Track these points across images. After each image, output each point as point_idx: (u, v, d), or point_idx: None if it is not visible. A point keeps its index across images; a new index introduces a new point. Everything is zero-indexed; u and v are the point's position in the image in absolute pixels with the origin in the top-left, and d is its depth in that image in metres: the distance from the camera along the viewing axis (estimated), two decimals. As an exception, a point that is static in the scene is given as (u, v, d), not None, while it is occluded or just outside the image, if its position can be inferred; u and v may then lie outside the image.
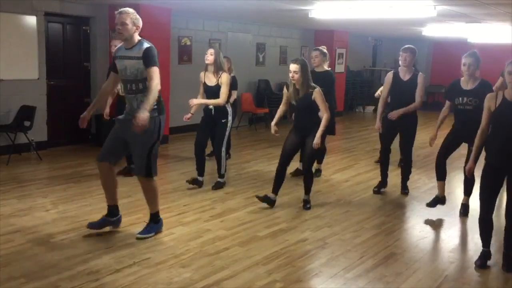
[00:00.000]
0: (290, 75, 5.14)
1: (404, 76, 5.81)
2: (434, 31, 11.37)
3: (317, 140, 5.18)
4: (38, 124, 7.63)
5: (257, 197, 5.54)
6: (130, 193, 5.70)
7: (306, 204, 5.52)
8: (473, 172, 4.31)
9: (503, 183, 4.10)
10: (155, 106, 4.24)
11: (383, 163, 6.26)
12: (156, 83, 4.10)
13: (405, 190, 6.26)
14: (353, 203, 5.85)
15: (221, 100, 5.84)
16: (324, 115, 5.19)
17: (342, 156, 8.52)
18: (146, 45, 4.19)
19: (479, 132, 4.18)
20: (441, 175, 5.52)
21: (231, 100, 6.27)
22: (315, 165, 6.81)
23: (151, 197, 4.53)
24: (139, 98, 4.19)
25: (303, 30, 13.20)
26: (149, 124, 4.08)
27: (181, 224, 4.91)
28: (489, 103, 4.08)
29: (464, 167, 5.20)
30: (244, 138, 10.17)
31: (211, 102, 5.90)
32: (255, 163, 7.77)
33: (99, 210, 5.03)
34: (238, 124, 11.16)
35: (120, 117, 4.47)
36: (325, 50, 6.54)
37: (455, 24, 9.55)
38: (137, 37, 4.23)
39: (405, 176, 6.22)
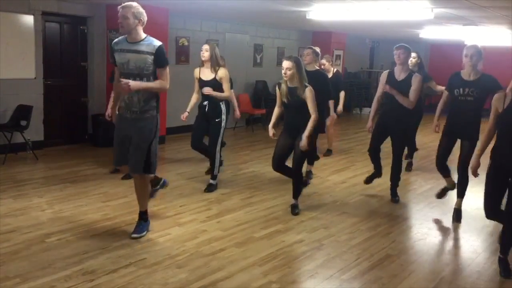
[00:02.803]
0: (283, 71, 5.06)
1: (399, 75, 5.65)
2: (431, 33, 11.41)
3: (303, 142, 5.01)
4: (35, 123, 7.62)
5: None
6: (126, 193, 5.70)
7: (294, 209, 5.40)
8: (477, 170, 4.21)
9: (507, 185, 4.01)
10: (155, 104, 4.34)
11: (373, 159, 6.08)
12: (167, 83, 4.32)
13: (395, 197, 5.98)
14: (350, 205, 5.86)
15: (226, 93, 5.89)
16: (312, 115, 5.05)
17: (338, 158, 8.52)
18: (157, 42, 4.19)
19: (486, 132, 4.12)
20: (446, 173, 5.48)
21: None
22: (306, 168, 6.79)
23: (143, 194, 4.55)
24: (141, 92, 4.19)
25: (301, 32, 13.21)
26: (149, 122, 4.29)
27: (177, 224, 4.90)
28: (497, 103, 4.00)
29: (458, 166, 5.22)
30: (241, 139, 10.16)
31: (219, 95, 5.85)
32: (251, 164, 7.77)
33: (95, 210, 5.03)
34: (235, 124, 11.15)
35: (119, 112, 4.43)
36: (318, 50, 6.52)
37: (452, 26, 9.58)
38: (141, 32, 4.19)
39: (394, 183, 5.97)
